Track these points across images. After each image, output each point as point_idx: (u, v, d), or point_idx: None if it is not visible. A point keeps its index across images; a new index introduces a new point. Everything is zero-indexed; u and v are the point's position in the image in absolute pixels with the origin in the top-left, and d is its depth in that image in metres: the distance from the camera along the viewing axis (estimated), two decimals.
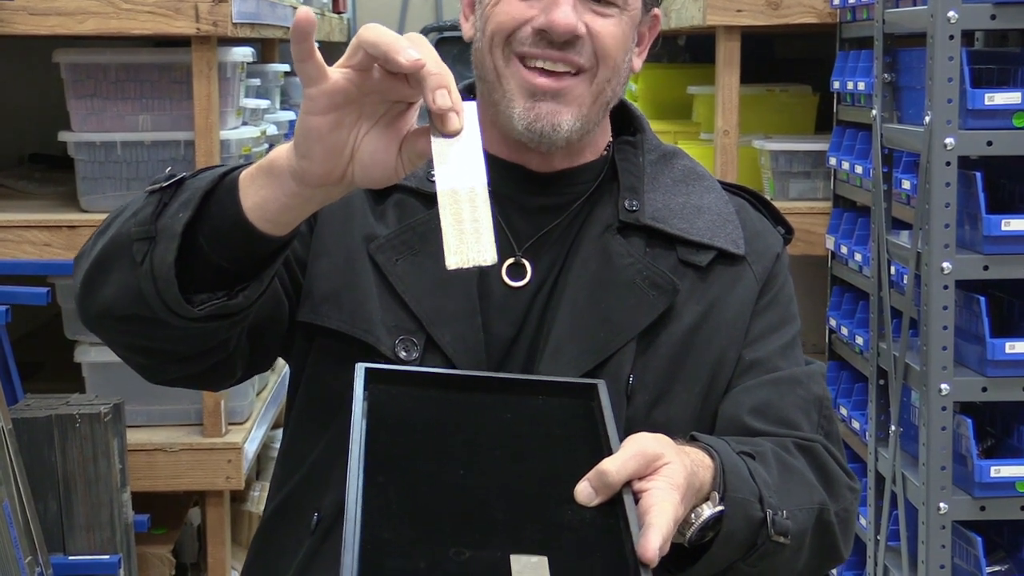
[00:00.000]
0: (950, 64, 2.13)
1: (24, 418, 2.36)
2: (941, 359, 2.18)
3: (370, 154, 1.16)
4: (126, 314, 1.27)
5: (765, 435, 1.39)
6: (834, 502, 1.38)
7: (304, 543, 1.41)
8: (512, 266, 1.43)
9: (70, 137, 2.58)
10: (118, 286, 1.26)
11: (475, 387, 1.29)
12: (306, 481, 1.43)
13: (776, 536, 1.27)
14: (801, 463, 1.38)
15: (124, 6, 2.43)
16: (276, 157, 1.20)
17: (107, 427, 2.40)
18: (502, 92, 1.40)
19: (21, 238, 2.49)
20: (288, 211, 1.21)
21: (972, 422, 2.20)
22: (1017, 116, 2.15)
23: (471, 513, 1.14)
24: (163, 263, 1.21)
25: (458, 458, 1.21)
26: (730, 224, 1.48)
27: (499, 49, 1.39)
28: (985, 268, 2.18)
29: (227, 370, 1.38)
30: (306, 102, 1.14)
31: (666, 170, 1.50)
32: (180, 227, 1.21)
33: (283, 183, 1.19)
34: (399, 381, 1.27)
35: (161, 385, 1.44)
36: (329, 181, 1.17)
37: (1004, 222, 2.13)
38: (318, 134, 1.14)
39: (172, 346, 1.31)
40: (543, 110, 1.38)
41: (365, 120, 1.15)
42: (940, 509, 2.17)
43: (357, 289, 1.41)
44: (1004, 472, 2.15)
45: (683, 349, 1.41)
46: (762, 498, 1.27)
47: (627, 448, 1.17)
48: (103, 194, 2.59)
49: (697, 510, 1.22)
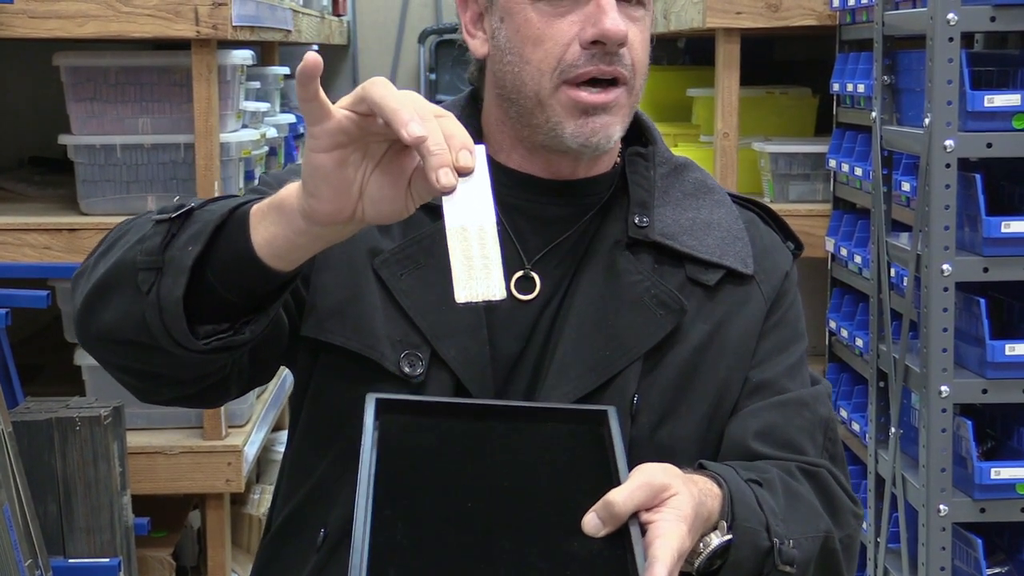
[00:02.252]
0: (950, 66, 2.12)
1: (24, 421, 2.35)
2: (941, 361, 2.16)
3: (379, 191, 1.15)
4: (126, 339, 1.26)
5: (770, 459, 1.38)
6: (839, 529, 1.37)
7: (310, 559, 1.40)
8: (521, 279, 1.41)
9: (70, 140, 2.59)
10: (120, 312, 1.25)
11: (484, 415, 1.28)
12: (312, 496, 1.43)
13: (782, 565, 1.26)
14: (807, 489, 1.37)
15: (124, 9, 2.42)
16: (286, 195, 1.19)
17: (107, 430, 2.39)
18: (546, 116, 1.37)
19: (21, 241, 2.49)
20: (298, 249, 1.20)
21: (972, 424, 2.19)
22: (1017, 118, 2.13)
23: (478, 545, 1.14)
24: (171, 296, 1.20)
25: (466, 488, 1.20)
26: (739, 241, 1.46)
27: (546, 77, 1.36)
28: (985, 270, 2.16)
29: (222, 391, 1.37)
30: (310, 140, 1.14)
31: (676, 183, 1.48)
32: (190, 261, 1.20)
33: (293, 221, 1.18)
34: (409, 411, 1.27)
35: (154, 404, 1.43)
36: (339, 220, 1.16)
37: (1004, 224, 2.12)
38: (324, 172, 1.13)
39: (168, 371, 1.30)
40: (597, 124, 1.36)
41: (370, 158, 1.15)
42: (940, 511, 2.16)
43: (362, 304, 1.39)
44: (1004, 474, 2.14)
45: (689, 370, 1.40)
46: (769, 527, 1.26)
47: (634, 479, 1.16)
48: (103, 197, 2.60)
49: (705, 539, 1.22)
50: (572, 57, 1.34)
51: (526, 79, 1.38)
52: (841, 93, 2.68)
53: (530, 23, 1.36)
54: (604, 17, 1.32)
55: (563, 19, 1.35)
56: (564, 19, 1.35)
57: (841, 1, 2.63)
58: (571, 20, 1.35)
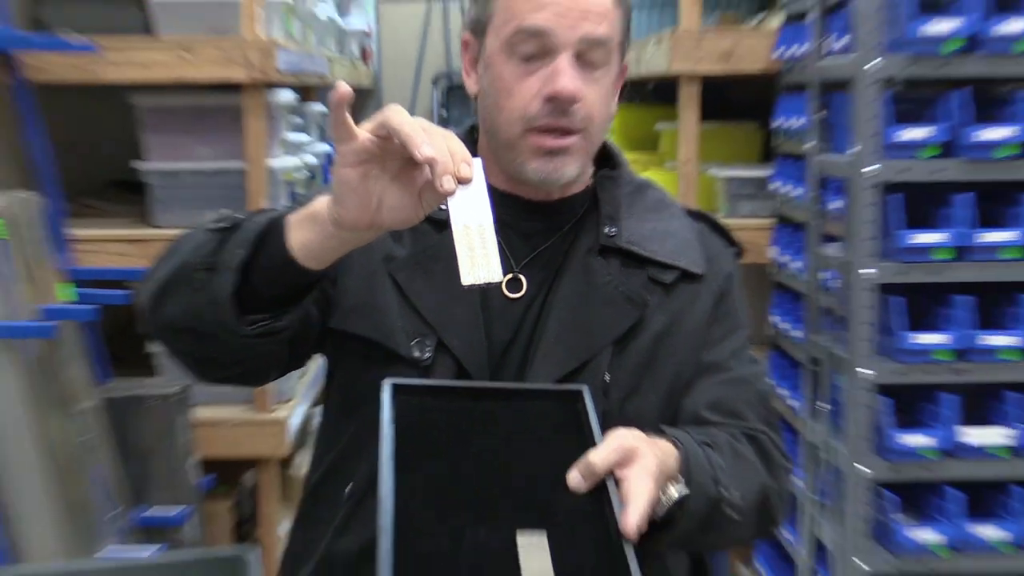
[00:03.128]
0: (872, 105, 2.11)
1: (110, 397, 2.36)
2: (863, 349, 2.17)
3: (394, 200, 1.17)
4: (185, 328, 1.28)
5: (719, 426, 1.39)
6: (774, 482, 1.38)
7: (339, 511, 1.41)
8: (510, 281, 1.42)
9: (145, 166, 2.58)
10: (181, 306, 1.27)
11: (482, 395, 1.30)
12: (340, 460, 1.43)
13: (729, 512, 1.28)
14: (748, 450, 1.38)
15: (188, 57, 2.45)
16: (318, 206, 1.21)
17: (176, 405, 2.41)
18: (516, 153, 1.39)
19: (104, 249, 2.51)
20: (327, 251, 1.22)
21: (888, 400, 2.17)
22: (927, 149, 2.12)
23: (483, 500, 1.15)
24: (222, 291, 1.22)
25: (469, 454, 1.21)
26: (691, 247, 1.47)
27: (515, 125, 1.37)
28: (900, 273, 2.16)
29: (263, 374, 1.40)
30: (339, 157, 1.16)
31: (639, 200, 1.49)
32: (236, 263, 1.23)
33: (323, 227, 1.20)
34: (420, 393, 1.27)
35: (208, 383, 1.43)
36: (361, 225, 1.18)
37: (914, 236, 2.12)
38: (350, 184, 1.16)
39: (219, 355, 1.30)
40: (554, 164, 1.38)
41: (387, 173, 1.16)
42: (862, 472, 2.17)
43: (379, 301, 1.40)
44: (912, 441, 2.13)
45: (651, 354, 1.41)
46: (717, 480, 1.27)
47: (609, 442, 1.17)
48: (171, 213, 2.59)
49: (667, 491, 1.22)
50: (534, 110, 1.35)
51: (500, 123, 1.39)
52: (782, 127, 2.66)
53: (504, 78, 1.37)
54: (558, 78, 1.33)
55: (530, 77, 1.35)
56: (531, 77, 1.35)
57: (782, 51, 2.59)
58: (536, 78, 1.35)
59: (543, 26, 1.34)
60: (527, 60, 1.36)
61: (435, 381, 1.34)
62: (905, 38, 2.08)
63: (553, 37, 1.34)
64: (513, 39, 1.36)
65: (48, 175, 2.51)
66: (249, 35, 2.48)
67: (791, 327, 2.59)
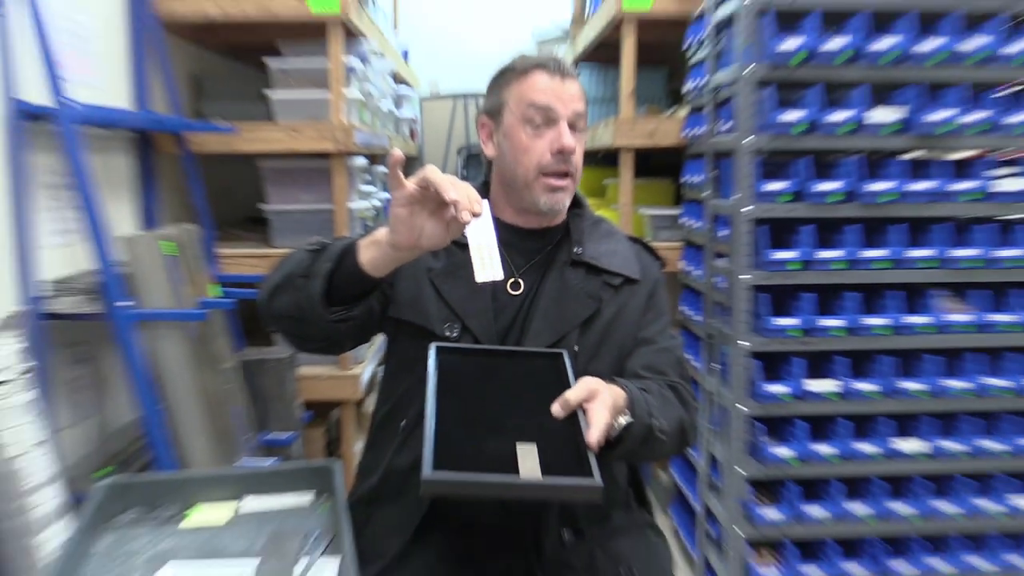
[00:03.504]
0: (747, 167, 2.06)
1: (244, 360, 2.39)
2: (741, 328, 2.13)
3: (431, 229, 1.15)
4: (289, 316, 1.25)
5: (651, 380, 1.37)
6: (688, 417, 1.37)
7: (396, 438, 1.38)
8: (513, 282, 1.40)
9: (267, 207, 2.58)
10: (287, 301, 1.24)
11: (496, 355, 1.28)
12: (396, 403, 1.40)
13: (659, 435, 1.25)
14: (671, 395, 1.36)
15: (296, 135, 2.44)
16: (379, 234, 1.19)
17: (286, 365, 2.43)
18: (531, 192, 1.36)
19: (242, 263, 2.51)
20: (385, 265, 1.20)
21: (758, 362, 2.13)
22: (783, 196, 2.08)
23: (494, 423, 1.14)
24: (315, 291, 1.21)
25: (486, 393, 1.20)
26: (631, 261, 1.44)
27: (531, 173, 1.35)
28: (766, 278, 2.11)
29: (340, 347, 1.35)
30: (394, 201, 1.14)
31: (596, 230, 1.46)
32: (324, 272, 1.21)
33: (383, 249, 1.18)
34: (454, 353, 1.26)
35: (305, 352, 1.38)
36: (408, 248, 1.16)
37: (775, 253, 2.09)
38: (401, 219, 1.14)
39: (312, 334, 1.27)
40: (558, 197, 1.36)
41: (427, 211, 1.15)
42: (741, 410, 2.13)
43: (422, 298, 1.36)
44: (774, 389, 2.10)
45: (605, 333, 1.38)
46: (651, 413, 1.25)
47: (579, 385, 1.15)
48: (284, 238, 2.59)
49: (618, 420, 1.20)
50: (546, 161, 1.34)
51: (519, 172, 1.36)
52: (688, 182, 2.62)
53: (522, 141, 1.35)
54: (563, 138, 1.32)
55: (541, 139, 1.34)
56: (542, 139, 1.34)
57: (688, 131, 2.57)
58: (545, 139, 1.33)
59: (549, 104, 1.33)
60: (536, 127, 1.34)
61: (464, 344, 1.31)
62: (768, 123, 2.05)
63: (555, 111, 1.34)
64: (527, 113, 1.34)
65: (204, 213, 2.52)
66: (336, 121, 2.47)
67: (694, 314, 2.58)
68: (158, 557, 1.12)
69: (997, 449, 2.13)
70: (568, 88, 1.34)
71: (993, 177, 2.06)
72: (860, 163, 2.08)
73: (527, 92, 1.35)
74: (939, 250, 2.09)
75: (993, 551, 2.18)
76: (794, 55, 1.99)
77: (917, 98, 2.03)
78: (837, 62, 2.01)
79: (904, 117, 2.04)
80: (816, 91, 2.03)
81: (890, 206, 2.07)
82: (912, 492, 2.16)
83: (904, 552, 2.16)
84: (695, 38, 2.51)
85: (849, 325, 2.09)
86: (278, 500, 1.26)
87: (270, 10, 2.40)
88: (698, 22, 2.50)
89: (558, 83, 1.34)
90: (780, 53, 1.99)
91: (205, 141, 2.49)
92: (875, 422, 2.15)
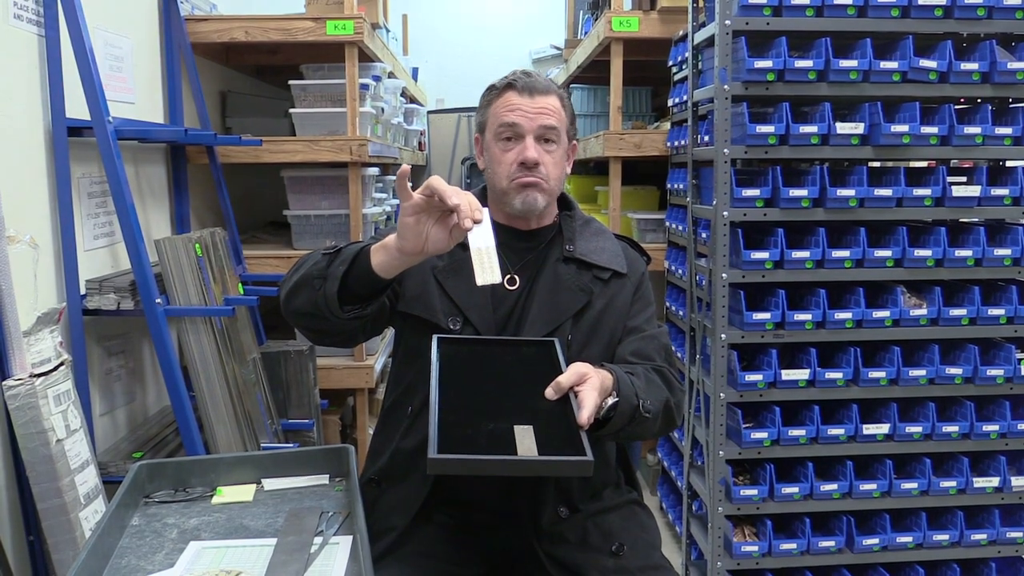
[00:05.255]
0: (724, 175, 2.04)
1: (267, 352, 2.36)
2: (721, 322, 2.09)
3: (436, 235, 1.14)
4: (307, 313, 1.24)
5: (638, 365, 1.35)
6: (673, 398, 1.35)
7: (404, 422, 1.37)
8: (509, 279, 1.38)
9: (288, 212, 2.56)
10: (304, 300, 1.23)
11: (494, 344, 1.27)
12: (404, 391, 1.38)
13: (644, 414, 1.24)
14: (657, 379, 1.34)
15: (315, 148, 2.42)
16: (389, 240, 1.18)
17: (307, 356, 2.40)
18: (508, 196, 1.36)
19: (265, 263, 2.49)
20: (394, 267, 1.19)
21: (736, 353, 2.11)
22: (758, 202, 2.05)
23: (493, 406, 1.12)
24: (330, 291, 1.20)
25: (486, 380, 1.19)
26: (619, 257, 1.43)
27: (503, 181, 1.36)
28: (743, 277, 2.08)
29: (353, 340, 1.32)
30: (401, 209, 1.14)
31: (587, 229, 1.45)
32: (339, 273, 1.20)
33: (391, 253, 1.17)
34: (456, 343, 1.25)
35: (322, 345, 1.39)
36: (415, 252, 1.15)
37: (751, 254, 2.07)
38: (408, 226, 1.13)
39: (327, 329, 1.26)
40: (530, 196, 1.35)
41: (432, 218, 1.14)
42: (720, 397, 2.11)
43: (428, 294, 1.35)
44: (751, 378, 2.07)
45: (596, 323, 1.36)
46: (637, 395, 1.23)
47: (570, 370, 1.15)
48: (303, 241, 2.58)
49: (606, 401, 1.19)
50: (514, 169, 1.34)
51: (496, 183, 1.36)
52: (672, 188, 2.59)
53: (496, 154, 1.35)
54: (526, 151, 1.32)
55: (511, 152, 1.34)
56: (511, 152, 1.34)
57: (671, 143, 2.55)
58: (513, 152, 1.34)
59: (515, 121, 1.34)
60: (507, 141, 1.35)
61: (465, 335, 1.30)
62: (743, 135, 2.01)
63: (520, 128, 1.34)
64: (499, 130, 1.35)
65: (231, 218, 2.52)
66: (351, 134, 2.47)
67: (678, 309, 2.55)
68: (187, 532, 1.12)
69: (952, 431, 2.13)
70: (537, 103, 1.34)
71: (946, 184, 2.07)
72: (827, 172, 2.09)
73: (499, 110, 1.35)
74: (899, 250, 2.09)
75: (950, 524, 2.18)
76: (766, 74, 2.00)
77: (877, 113, 2.04)
78: (810, 77, 2.01)
79: (865, 131, 2.05)
80: (786, 107, 2.04)
81: (854, 210, 2.08)
82: (876, 471, 2.15)
83: (869, 526, 2.16)
84: (677, 59, 2.51)
85: (818, 319, 2.09)
86: (297, 481, 1.26)
87: (292, 34, 2.42)
88: (680, 44, 2.50)
89: (526, 100, 1.34)
90: (753, 71, 2.00)
91: (232, 152, 2.49)
92: (843, 407, 2.15)
